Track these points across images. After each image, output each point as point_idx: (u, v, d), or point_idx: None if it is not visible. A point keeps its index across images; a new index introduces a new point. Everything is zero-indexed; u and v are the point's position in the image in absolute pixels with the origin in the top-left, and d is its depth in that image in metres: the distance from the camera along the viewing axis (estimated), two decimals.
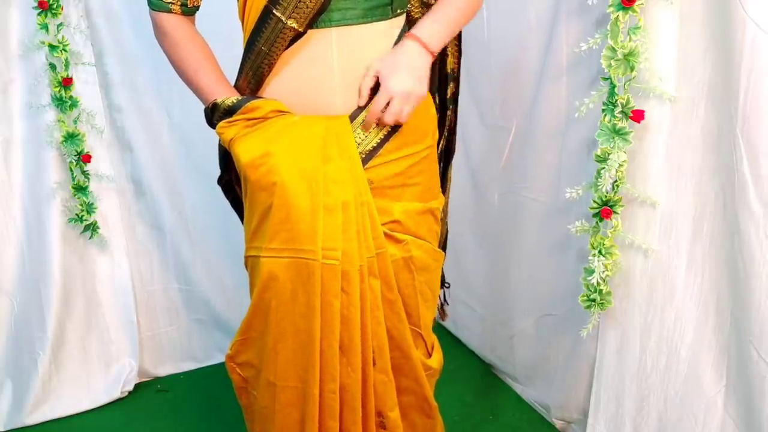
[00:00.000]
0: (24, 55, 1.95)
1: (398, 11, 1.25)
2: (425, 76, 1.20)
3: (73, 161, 2.01)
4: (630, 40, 1.45)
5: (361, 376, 1.26)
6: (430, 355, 1.41)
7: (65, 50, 1.93)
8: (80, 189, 2.03)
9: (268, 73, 1.24)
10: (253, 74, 1.25)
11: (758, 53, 1.30)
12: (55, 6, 1.89)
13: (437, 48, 1.21)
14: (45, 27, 1.89)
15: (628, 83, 1.50)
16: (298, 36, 1.20)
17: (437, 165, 1.41)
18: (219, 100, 1.23)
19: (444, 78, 1.42)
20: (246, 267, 1.30)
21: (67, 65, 1.94)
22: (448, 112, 1.45)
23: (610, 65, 1.49)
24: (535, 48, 1.88)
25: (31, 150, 2.01)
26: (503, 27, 1.99)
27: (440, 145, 1.46)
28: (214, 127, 1.25)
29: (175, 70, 1.29)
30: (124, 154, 2.16)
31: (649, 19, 1.47)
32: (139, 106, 2.13)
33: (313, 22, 1.18)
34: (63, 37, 1.92)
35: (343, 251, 1.19)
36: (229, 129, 1.22)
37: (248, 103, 1.21)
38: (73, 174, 2.02)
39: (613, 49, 1.48)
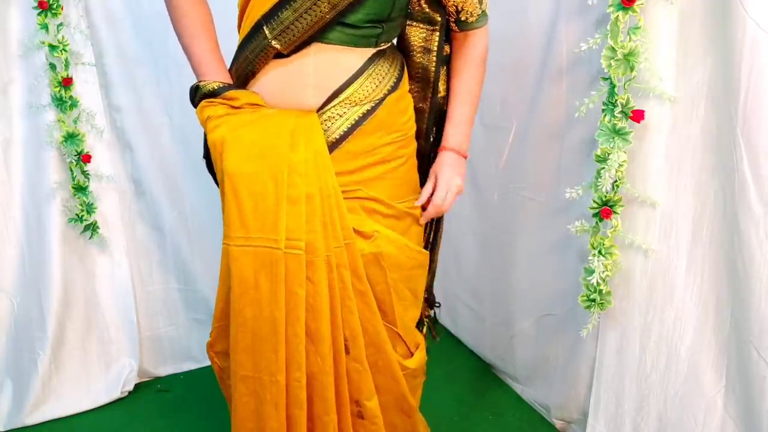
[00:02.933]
0: (24, 55, 1.94)
1: (382, 45, 1.30)
2: (463, 173, 1.44)
3: (73, 161, 2.01)
4: (630, 40, 1.46)
5: (333, 364, 1.27)
6: (411, 355, 1.42)
7: (65, 50, 1.92)
8: (80, 189, 2.03)
9: (252, 77, 1.31)
10: (238, 76, 1.32)
11: (758, 53, 1.30)
12: (55, 6, 1.89)
13: (467, 149, 1.44)
14: (45, 27, 1.89)
15: (628, 83, 1.50)
16: (282, 54, 1.25)
17: (414, 168, 1.43)
18: (201, 84, 1.30)
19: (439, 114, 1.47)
20: None
21: (67, 65, 1.94)
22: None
23: (610, 65, 1.49)
24: (535, 48, 1.88)
25: (31, 150, 2.00)
26: (503, 27, 1.99)
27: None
28: (195, 106, 1.31)
29: (175, 33, 1.34)
30: (124, 154, 2.16)
31: (649, 19, 1.48)
32: (139, 106, 2.13)
33: (297, 49, 1.24)
34: (63, 37, 1.92)
35: (306, 242, 1.21)
36: (207, 108, 1.28)
37: (228, 92, 1.28)
38: (73, 174, 2.02)
39: (613, 49, 1.48)
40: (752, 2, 1.29)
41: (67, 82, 1.95)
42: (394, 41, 1.39)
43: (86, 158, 2.02)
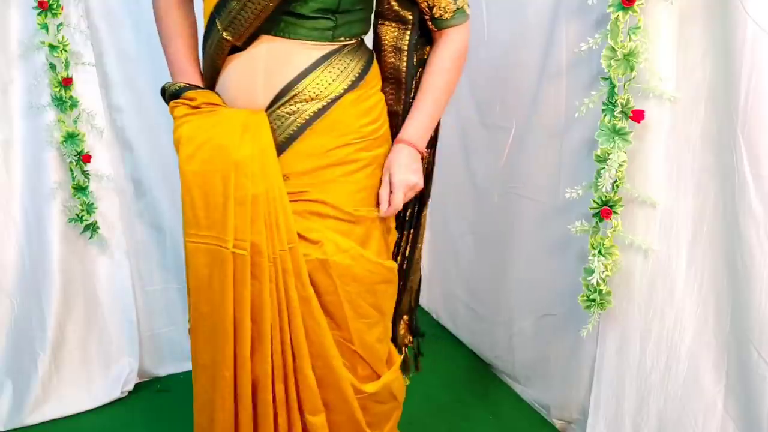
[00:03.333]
0: (24, 55, 1.94)
1: (342, 38, 1.27)
2: (419, 169, 1.35)
3: (73, 161, 2.00)
4: (630, 40, 1.46)
5: (282, 369, 1.27)
6: (377, 377, 1.37)
7: (65, 50, 1.92)
8: (80, 189, 2.03)
9: (217, 75, 1.32)
10: (206, 74, 1.35)
11: (759, 53, 1.30)
12: (55, 6, 1.89)
13: (424, 145, 1.36)
14: (45, 27, 1.89)
15: (628, 83, 1.50)
16: (237, 48, 1.25)
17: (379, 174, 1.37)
18: (167, 85, 1.34)
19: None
20: None
21: (67, 65, 1.94)
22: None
23: (610, 65, 1.49)
24: (535, 48, 1.87)
25: (31, 150, 2.00)
26: (503, 27, 1.99)
27: None
28: (167, 104, 1.35)
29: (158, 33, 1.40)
30: (124, 154, 2.16)
31: (649, 19, 1.48)
32: (139, 106, 2.12)
33: (250, 40, 1.24)
34: (63, 37, 1.92)
35: (251, 242, 1.22)
36: (174, 109, 1.32)
37: (187, 92, 1.31)
38: (73, 174, 2.02)
39: (613, 49, 1.48)
40: (752, 2, 1.29)
41: (67, 82, 1.95)
42: (367, 40, 1.37)
43: (86, 158, 2.02)
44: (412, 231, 1.49)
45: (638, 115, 1.50)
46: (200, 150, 1.24)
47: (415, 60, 1.37)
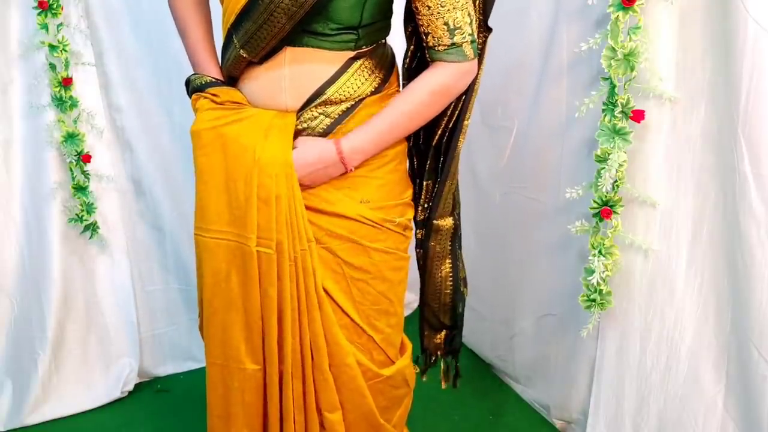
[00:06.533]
0: (24, 55, 1.94)
1: (364, 48, 1.25)
2: (323, 178, 1.25)
3: (73, 161, 2.00)
4: (630, 40, 1.46)
5: (300, 368, 1.28)
6: (391, 363, 1.38)
7: (65, 50, 1.92)
8: (80, 189, 2.03)
9: (236, 82, 1.32)
10: (225, 79, 1.35)
11: (760, 52, 1.30)
12: (55, 6, 1.89)
13: (354, 164, 1.25)
14: (45, 27, 1.89)
15: (628, 83, 1.50)
16: (254, 62, 1.25)
17: (399, 170, 1.34)
18: (192, 78, 1.34)
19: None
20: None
21: (67, 65, 1.94)
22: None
23: (610, 65, 1.49)
24: (536, 48, 1.88)
25: (31, 150, 2.00)
26: (504, 27, 1.99)
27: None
28: (190, 97, 1.35)
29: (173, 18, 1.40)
30: (124, 154, 2.16)
31: (649, 19, 1.48)
32: (139, 106, 2.12)
33: (270, 55, 1.23)
34: (63, 37, 1.92)
35: (276, 241, 1.22)
36: (197, 102, 1.31)
37: (211, 88, 1.30)
38: (73, 174, 2.02)
39: (613, 49, 1.48)
40: (753, 1, 1.29)
41: (67, 82, 1.95)
42: (388, 39, 1.35)
43: (86, 158, 2.02)
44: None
45: (638, 115, 1.50)
46: (223, 147, 1.24)
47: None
